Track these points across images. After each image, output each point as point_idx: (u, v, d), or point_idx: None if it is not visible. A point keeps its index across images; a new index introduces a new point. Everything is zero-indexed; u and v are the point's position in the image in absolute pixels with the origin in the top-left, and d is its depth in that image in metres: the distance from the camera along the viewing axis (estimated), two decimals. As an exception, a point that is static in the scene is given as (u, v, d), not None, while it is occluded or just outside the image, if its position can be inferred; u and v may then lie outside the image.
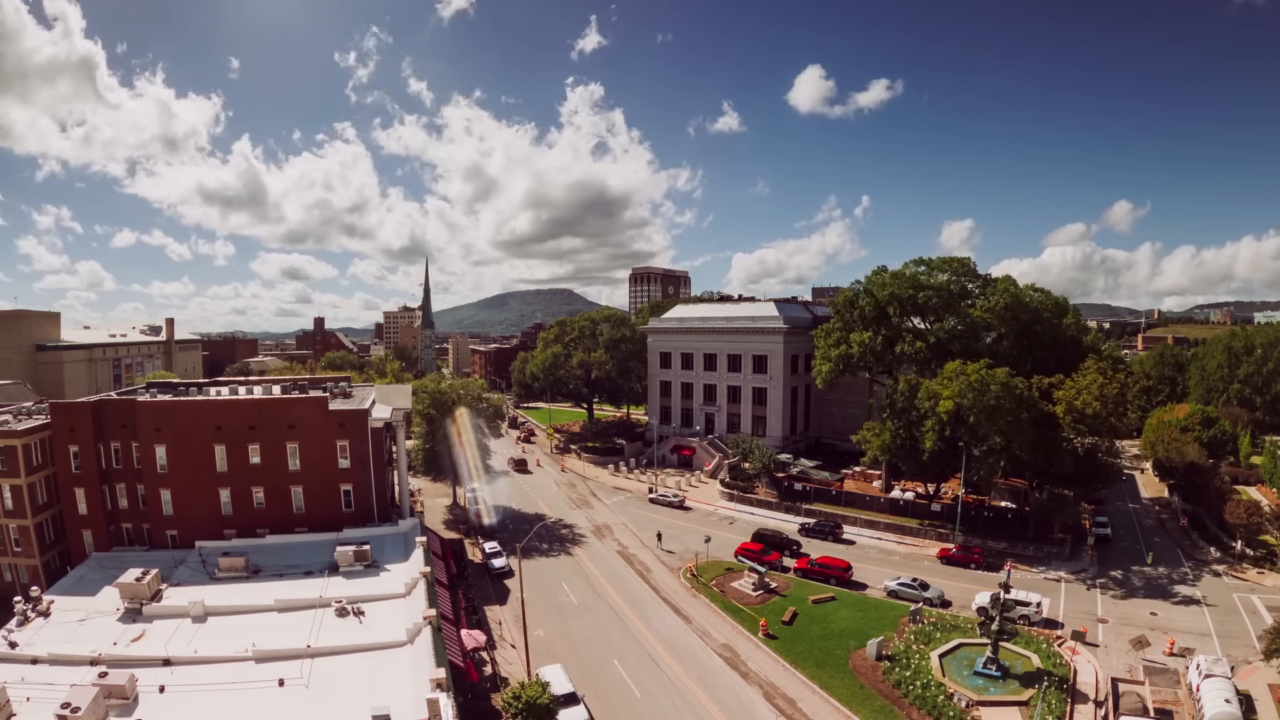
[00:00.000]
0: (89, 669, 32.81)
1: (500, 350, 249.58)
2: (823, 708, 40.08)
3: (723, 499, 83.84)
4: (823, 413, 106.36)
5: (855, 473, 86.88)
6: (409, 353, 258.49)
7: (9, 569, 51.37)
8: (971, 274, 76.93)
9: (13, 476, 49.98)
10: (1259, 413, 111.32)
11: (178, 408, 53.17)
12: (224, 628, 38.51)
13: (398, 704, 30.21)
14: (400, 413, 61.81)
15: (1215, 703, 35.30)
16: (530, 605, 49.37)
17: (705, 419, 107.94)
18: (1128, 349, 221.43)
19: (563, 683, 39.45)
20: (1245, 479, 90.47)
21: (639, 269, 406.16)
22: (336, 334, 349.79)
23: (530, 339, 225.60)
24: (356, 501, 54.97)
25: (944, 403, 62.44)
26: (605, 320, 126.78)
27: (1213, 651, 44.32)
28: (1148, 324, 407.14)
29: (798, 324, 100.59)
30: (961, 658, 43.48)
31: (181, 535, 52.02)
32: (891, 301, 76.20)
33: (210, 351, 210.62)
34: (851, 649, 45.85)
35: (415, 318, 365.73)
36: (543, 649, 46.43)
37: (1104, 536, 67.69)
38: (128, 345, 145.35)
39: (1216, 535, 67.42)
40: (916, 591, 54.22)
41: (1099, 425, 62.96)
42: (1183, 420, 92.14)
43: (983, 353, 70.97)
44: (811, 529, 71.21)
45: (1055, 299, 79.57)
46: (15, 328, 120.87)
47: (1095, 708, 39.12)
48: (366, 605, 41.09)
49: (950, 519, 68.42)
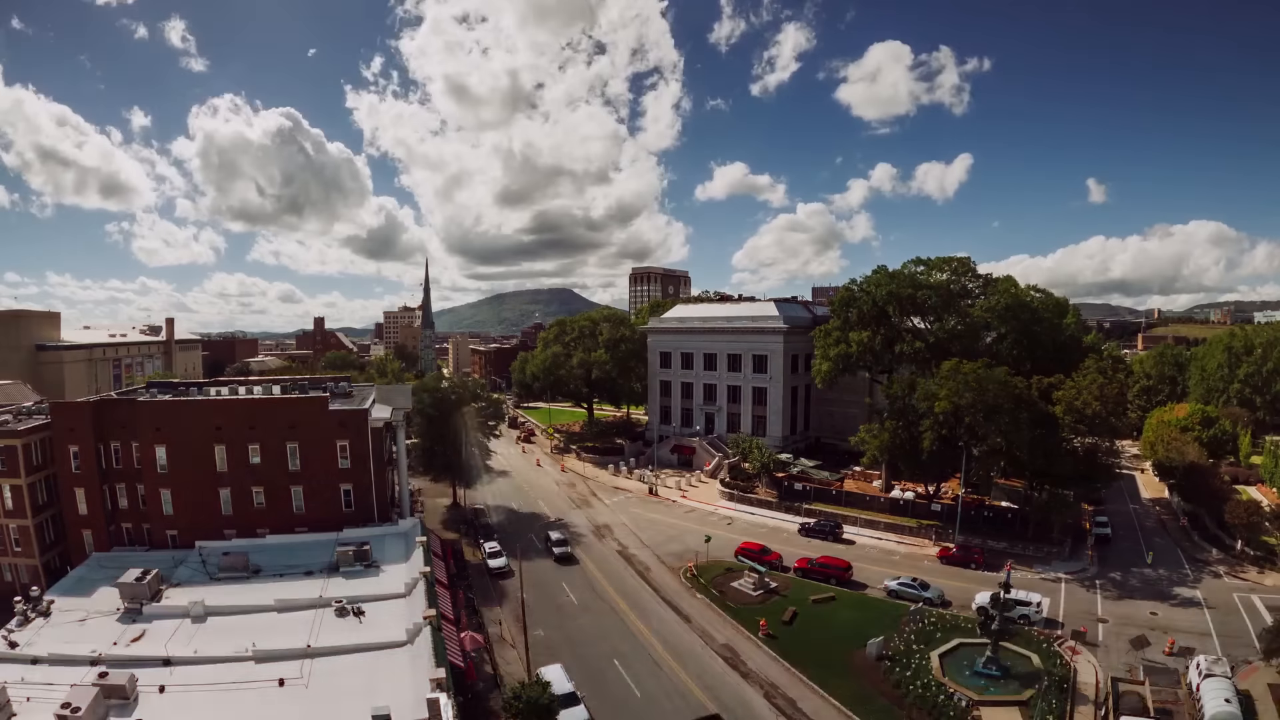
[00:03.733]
0: (89, 669, 32.86)
1: (500, 350, 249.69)
2: (823, 708, 40.07)
3: (723, 499, 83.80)
4: (823, 413, 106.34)
5: (855, 473, 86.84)
6: (409, 353, 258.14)
7: (9, 569, 51.40)
8: (971, 273, 77.02)
9: (13, 476, 50.01)
10: (1259, 413, 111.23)
11: (178, 408, 53.19)
12: (224, 628, 38.55)
13: (398, 704, 30.21)
14: (400, 413, 61.84)
15: (1215, 702, 35.32)
16: (530, 605, 49.36)
17: (705, 419, 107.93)
18: (1128, 349, 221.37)
19: (563, 683, 39.41)
20: (1245, 479, 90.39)
21: (639, 269, 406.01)
22: (337, 334, 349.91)
23: (530, 339, 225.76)
24: (356, 501, 54.98)
25: (940, 403, 62.45)
26: (605, 320, 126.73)
27: (1213, 651, 44.30)
28: (1148, 324, 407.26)
29: (798, 324, 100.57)
30: (962, 658, 43.48)
31: (181, 535, 52.03)
32: (891, 301, 76.21)
33: (210, 351, 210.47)
34: (852, 649, 45.82)
35: (415, 318, 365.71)
36: (543, 649, 46.38)
37: (1104, 536, 67.68)
38: (128, 345, 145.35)
39: (1217, 535, 67.40)
40: (916, 591, 54.21)
41: (1099, 425, 62.97)
42: (1183, 420, 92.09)
43: (982, 352, 71.06)
44: (811, 529, 71.18)
45: (1055, 299, 79.70)
46: (15, 328, 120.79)
47: (1095, 708, 39.14)
48: (366, 605, 41.13)
49: (950, 519, 68.38)
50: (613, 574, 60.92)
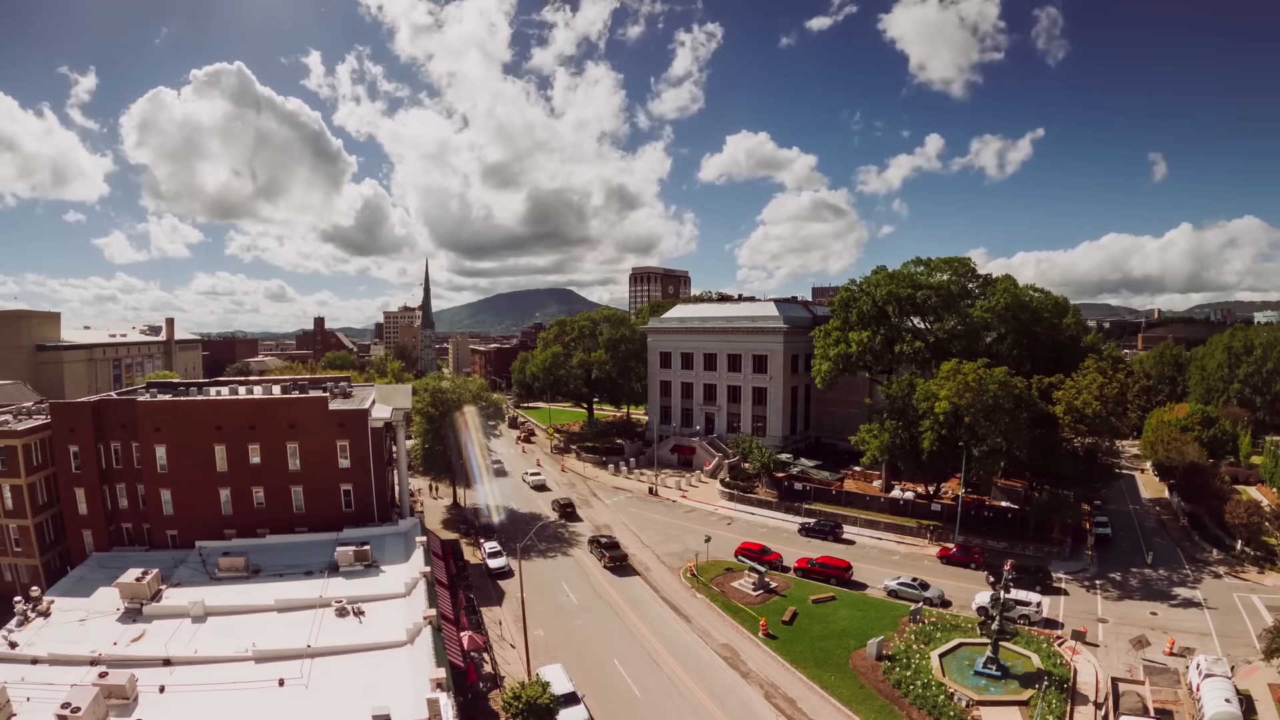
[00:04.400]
0: (89, 669, 32.85)
1: (500, 350, 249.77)
2: (823, 707, 40.08)
3: (723, 499, 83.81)
4: (823, 413, 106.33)
5: (855, 473, 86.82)
6: (409, 353, 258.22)
7: (9, 569, 51.38)
8: (971, 274, 76.92)
9: (13, 476, 49.99)
10: (1259, 413, 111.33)
11: (178, 408, 53.17)
12: (224, 628, 38.52)
13: (398, 704, 30.23)
14: (400, 413, 61.85)
15: (1215, 702, 35.28)
16: (530, 605, 49.32)
17: (705, 419, 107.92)
18: (1128, 349, 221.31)
19: (563, 683, 39.40)
20: (1245, 479, 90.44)
21: (639, 269, 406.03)
22: (337, 334, 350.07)
23: (530, 339, 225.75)
24: (356, 501, 54.98)
25: (940, 403, 62.43)
26: (605, 320, 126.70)
27: (1213, 651, 44.31)
28: (1148, 324, 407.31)
29: (798, 324, 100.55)
30: (962, 657, 43.49)
31: (181, 535, 52.03)
32: (891, 301, 76.17)
33: (210, 351, 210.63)
34: (852, 649, 45.84)
35: (415, 318, 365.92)
36: (543, 649, 46.41)
37: (1104, 536, 67.69)
38: (128, 345, 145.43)
39: (1217, 535, 67.42)
40: (916, 591, 54.22)
41: (1099, 425, 62.95)
42: (1183, 420, 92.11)
43: (982, 353, 70.98)
44: (812, 529, 71.20)
45: (1055, 299, 79.57)
46: (15, 328, 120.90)
47: (1095, 708, 39.14)
48: (366, 605, 41.12)
49: (950, 519, 68.37)
50: (613, 573, 60.91)
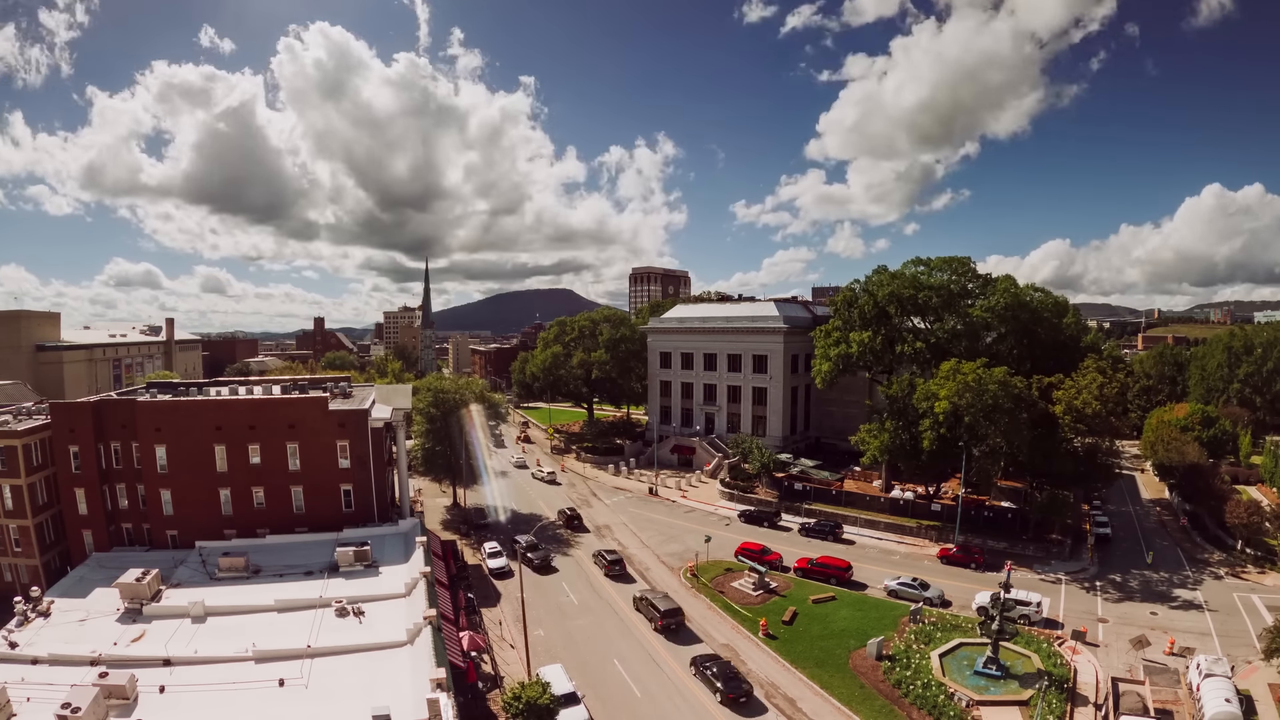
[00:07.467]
0: (89, 669, 32.80)
1: (500, 350, 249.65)
2: (823, 707, 40.09)
3: (723, 499, 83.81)
4: (823, 413, 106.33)
5: (855, 473, 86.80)
6: (409, 353, 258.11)
7: (9, 569, 51.38)
8: (971, 274, 76.95)
9: (13, 476, 49.99)
10: (1259, 413, 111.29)
11: (178, 408, 53.15)
12: (224, 628, 38.50)
13: (398, 704, 30.20)
14: (400, 413, 61.81)
15: (1215, 702, 35.28)
16: (530, 605, 49.34)
17: (705, 419, 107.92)
18: (1128, 349, 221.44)
19: (563, 683, 39.41)
20: (1245, 479, 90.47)
21: (639, 269, 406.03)
22: (337, 334, 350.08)
23: (530, 339, 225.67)
24: (356, 501, 54.96)
25: (940, 403, 62.43)
26: (605, 320, 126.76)
27: (1213, 651, 44.34)
28: (1148, 324, 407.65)
29: (798, 324, 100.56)
30: (962, 657, 43.49)
31: (181, 535, 52.00)
32: (891, 301, 76.21)
33: (210, 351, 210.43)
34: (852, 649, 45.86)
35: (415, 318, 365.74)
36: (543, 649, 46.43)
37: (1104, 536, 67.70)
38: (128, 345, 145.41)
39: (1217, 535, 67.45)
40: (916, 591, 54.22)
41: (1099, 425, 62.96)
42: (1183, 420, 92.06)
43: (983, 353, 71.01)
44: (812, 529, 71.21)
45: (1055, 299, 79.70)
46: (15, 328, 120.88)
47: (1095, 708, 39.14)
48: (366, 605, 41.07)
49: (950, 519, 68.38)
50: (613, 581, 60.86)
